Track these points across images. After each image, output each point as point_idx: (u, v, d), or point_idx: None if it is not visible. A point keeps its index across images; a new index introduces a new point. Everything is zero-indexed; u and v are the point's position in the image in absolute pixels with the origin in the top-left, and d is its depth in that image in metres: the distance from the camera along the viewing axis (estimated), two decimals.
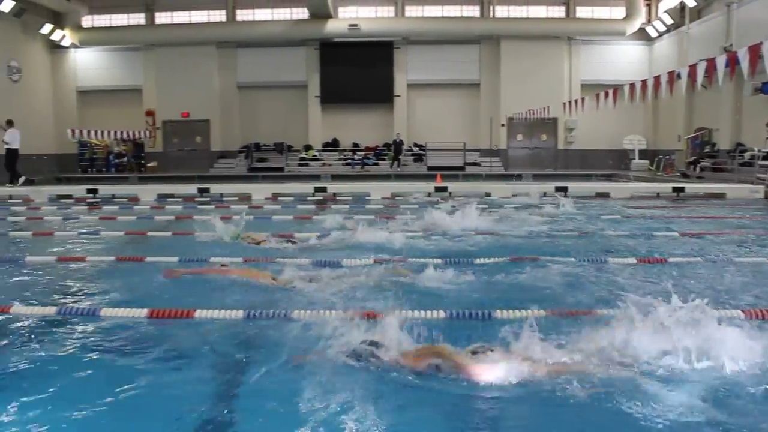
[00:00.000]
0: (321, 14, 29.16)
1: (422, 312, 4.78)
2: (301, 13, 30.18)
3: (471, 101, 31.36)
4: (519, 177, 24.40)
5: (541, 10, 30.80)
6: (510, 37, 30.15)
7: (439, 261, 6.81)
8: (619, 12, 30.03)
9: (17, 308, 5.11)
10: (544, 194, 16.05)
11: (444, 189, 17.81)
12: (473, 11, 30.99)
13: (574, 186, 17.72)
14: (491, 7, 30.70)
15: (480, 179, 24.13)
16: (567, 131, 30.76)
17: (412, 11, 31.09)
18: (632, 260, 7.13)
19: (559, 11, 30.95)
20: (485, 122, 30.69)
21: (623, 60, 30.48)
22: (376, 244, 8.02)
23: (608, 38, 30.45)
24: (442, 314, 4.79)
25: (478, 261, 7.02)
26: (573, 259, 7.13)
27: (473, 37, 30.79)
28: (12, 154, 20.99)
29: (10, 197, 17.94)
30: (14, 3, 26.80)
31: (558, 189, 16.83)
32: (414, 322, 4.12)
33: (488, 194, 17.09)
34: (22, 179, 20.71)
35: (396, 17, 30.90)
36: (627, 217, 11.89)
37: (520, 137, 31.13)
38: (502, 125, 30.49)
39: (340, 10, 30.70)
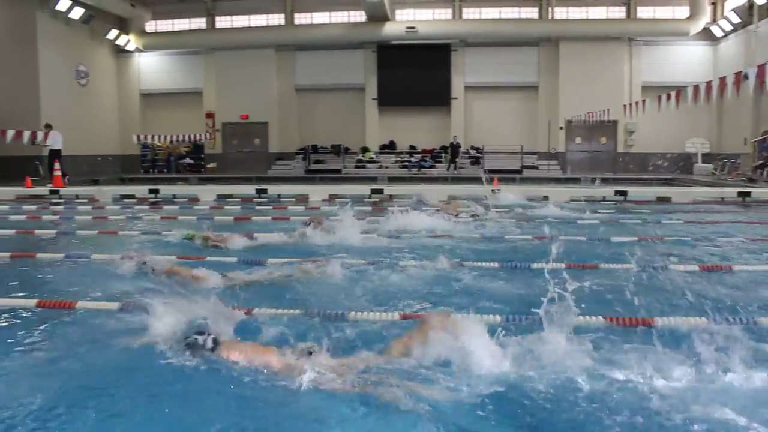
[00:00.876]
0: (378, 17, 29.53)
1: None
2: (359, 16, 30.60)
3: (529, 104, 31.28)
4: (593, 180, 23.84)
5: (601, 11, 30.56)
6: (569, 38, 30.03)
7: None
8: (682, 11, 29.58)
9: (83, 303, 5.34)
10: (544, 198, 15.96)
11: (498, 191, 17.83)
12: (531, 13, 30.95)
13: (633, 190, 17.55)
14: (550, 9, 30.56)
15: (542, 182, 24.00)
16: (627, 134, 30.43)
17: (469, 13, 31.20)
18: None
19: (619, 12, 30.66)
20: (543, 125, 30.59)
21: (686, 61, 30.00)
22: (329, 245, 8.18)
23: (671, 39, 30.01)
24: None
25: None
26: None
27: (531, 39, 30.71)
28: (54, 155, 22.11)
29: (77, 197, 18.65)
30: (83, 10, 27.92)
31: (618, 193, 16.75)
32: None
33: (546, 197, 17.05)
34: (65, 179, 21.55)
35: (453, 19, 31.08)
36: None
37: (578, 140, 30.93)
38: (561, 128, 30.37)
39: (398, 12, 31.03)
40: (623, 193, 16.74)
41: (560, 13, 30.72)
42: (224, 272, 6.25)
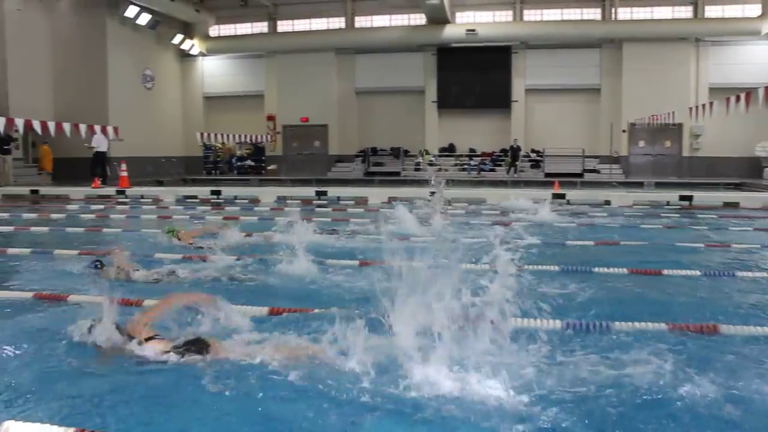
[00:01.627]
0: (438, 20, 29.73)
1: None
2: (419, 19, 30.85)
3: (591, 106, 30.98)
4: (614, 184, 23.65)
5: (667, 10, 30.05)
6: (633, 39, 29.65)
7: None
8: (753, 10, 28.84)
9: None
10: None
11: (562, 196, 17.78)
12: (594, 14, 30.67)
13: (699, 195, 17.29)
14: (613, 9, 30.18)
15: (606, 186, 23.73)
16: (693, 137, 29.83)
17: (530, 15, 31.11)
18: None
19: (686, 11, 30.07)
20: (605, 128, 30.24)
21: (757, 61, 29.18)
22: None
23: (740, 38, 29.32)
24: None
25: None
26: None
27: (594, 41, 30.41)
28: (97, 156, 23.25)
29: (142, 197, 19.37)
30: (150, 16, 28.88)
31: (683, 198, 16.53)
32: None
33: (608, 202, 16.95)
34: (101, 180, 22.60)
35: (514, 21, 31.05)
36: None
37: (642, 143, 30.47)
38: (624, 131, 29.98)
39: (458, 15, 31.16)
40: (688, 198, 16.53)
41: (624, 13, 30.34)
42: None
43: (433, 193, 11.88)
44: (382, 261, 5.83)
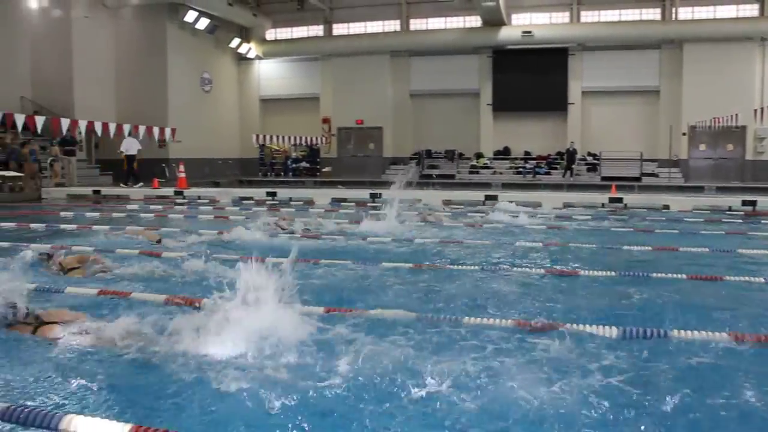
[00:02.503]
0: (494, 22, 29.81)
1: None
2: (474, 21, 30.98)
3: (649, 109, 30.63)
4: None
5: (730, 9, 29.47)
6: (694, 40, 29.17)
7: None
8: None
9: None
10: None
11: (619, 200, 17.70)
12: (653, 14, 30.32)
13: (763, 200, 16.97)
14: (673, 9, 29.74)
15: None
16: (757, 141, 29.22)
17: (587, 16, 30.94)
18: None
19: (751, 10, 29.42)
20: (664, 131, 29.82)
21: None
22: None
23: None
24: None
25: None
26: None
27: (653, 42, 30.07)
28: (128, 159, 24.05)
29: (199, 198, 19.94)
30: (209, 21, 29.66)
31: (746, 203, 16.29)
32: None
33: (666, 207, 16.79)
34: (139, 184, 23.53)
35: (571, 23, 30.92)
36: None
37: (702, 147, 29.94)
38: (684, 134, 29.51)
39: (514, 17, 31.19)
40: (752, 203, 16.27)
41: (684, 13, 29.88)
42: None
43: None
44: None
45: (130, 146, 24.03)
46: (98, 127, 22.07)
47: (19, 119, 20.18)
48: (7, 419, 3.08)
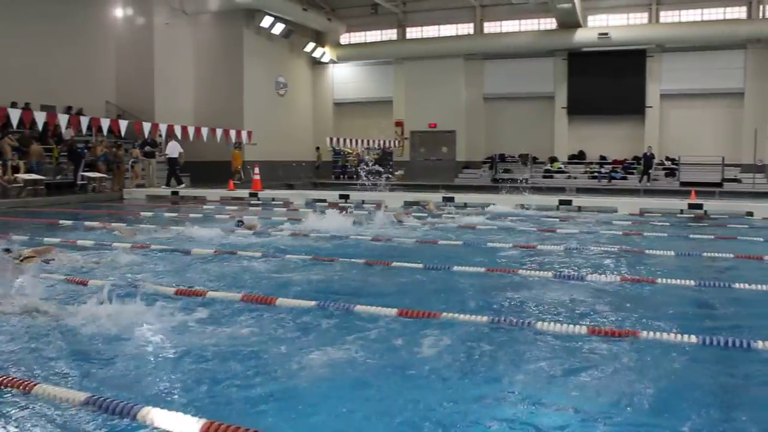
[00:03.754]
0: (569, 24, 29.63)
1: None
2: (549, 23, 30.87)
3: (732, 112, 29.79)
4: None
5: None
6: None
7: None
8: None
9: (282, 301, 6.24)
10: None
11: (699, 207, 17.36)
12: (739, 12, 29.45)
13: None
14: (761, 7, 28.82)
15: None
16: None
17: (667, 16, 30.36)
18: None
19: None
20: (748, 135, 28.97)
21: None
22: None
23: None
24: None
25: None
26: None
27: (738, 41, 29.22)
28: (171, 162, 24.84)
29: (273, 199, 20.55)
30: (284, 26, 30.46)
31: None
32: None
33: (750, 213, 16.39)
34: (182, 186, 24.52)
35: (650, 24, 30.41)
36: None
37: None
38: None
39: (590, 18, 30.88)
40: None
41: None
42: None
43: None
44: None
45: (172, 149, 24.99)
46: (178, 131, 23.06)
47: (105, 123, 21.35)
48: (90, 407, 3.59)
